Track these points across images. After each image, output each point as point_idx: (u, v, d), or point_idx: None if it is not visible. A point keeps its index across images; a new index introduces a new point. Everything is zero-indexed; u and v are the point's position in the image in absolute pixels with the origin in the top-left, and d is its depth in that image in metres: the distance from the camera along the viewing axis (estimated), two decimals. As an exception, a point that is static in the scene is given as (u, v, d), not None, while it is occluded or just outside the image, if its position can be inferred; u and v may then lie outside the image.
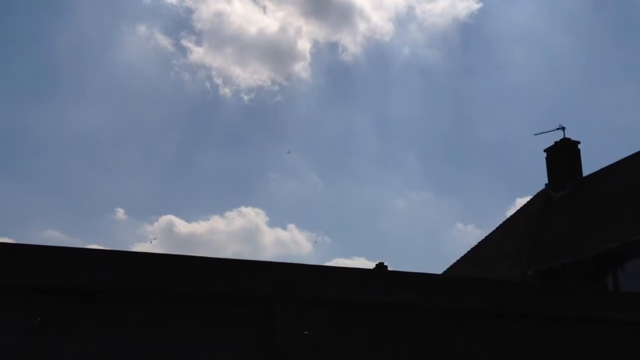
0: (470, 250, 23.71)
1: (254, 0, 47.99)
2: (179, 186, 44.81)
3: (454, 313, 6.78)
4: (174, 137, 43.76)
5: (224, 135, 45.33)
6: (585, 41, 43.99)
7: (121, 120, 43.51)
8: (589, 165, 25.11)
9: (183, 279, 5.84)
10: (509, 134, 44.00)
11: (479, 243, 23.84)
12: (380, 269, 25.48)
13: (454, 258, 24.77)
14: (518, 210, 24.06)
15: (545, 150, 23.37)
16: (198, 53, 44.72)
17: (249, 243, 45.28)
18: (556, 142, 23.10)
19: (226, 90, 44.73)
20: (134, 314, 5.73)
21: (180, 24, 45.15)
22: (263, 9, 47.55)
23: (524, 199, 25.72)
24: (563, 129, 23.10)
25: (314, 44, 46.55)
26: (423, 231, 46.62)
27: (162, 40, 44.05)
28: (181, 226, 43.77)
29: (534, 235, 20.88)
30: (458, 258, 23.84)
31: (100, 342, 5.57)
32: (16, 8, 40.07)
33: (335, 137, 45.56)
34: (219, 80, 48.85)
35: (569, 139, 23.02)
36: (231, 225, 44.98)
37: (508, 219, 23.93)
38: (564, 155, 22.82)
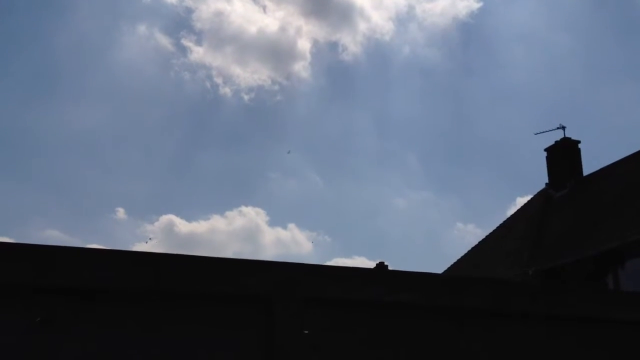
0: (471, 249, 23.72)
1: (254, 0, 48.02)
2: (179, 186, 44.85)
3: (455, 312, 6.78)
4: (174, 137, 43.81)
5: (224, 134, 45.38)
6: (585, 40, 44.00)
7: (121, 119, 43.54)
8: (589, 164, 25.13)
9: (183, 279, 5.83)
10: (509, 134, 44.03)
11: (479, 242, 23.84)
12: (381, 268, 25.49)
13: (454, 257, 24.78)
14: (518, 210, 24.06)
15: (545, 150, 23.37)
16: (198, 53, 44.76)
17: (250, 242, 45.32)
18: (556, 142, 23.10)
19: (226, 90, 44.75)
20: (134, 314, 5.73)
21: (180, 23, 45.20)
22: (263, 9, 47.57)
23: (525, 199, 25.73)
24: (563, 128, 23.11)
25: (314, 43, 46.59)
26: (423, 230, 46.67)
27: (162, 39, 44.08)
28: (181, 226, 43.82)
29: (534, 234, 20.87)
30: (458, 257, 23.84)
31: (101, 342, 5.56)
32: (16, 8, 40.07)
33: (335, 137, 45.59)
34: (219, 80, 48.88)
35: (569, 139, 23.02)
36: (231, 224, 45.01)
37: (508, 219, 23.92)
38: (564, 155, 22.82)
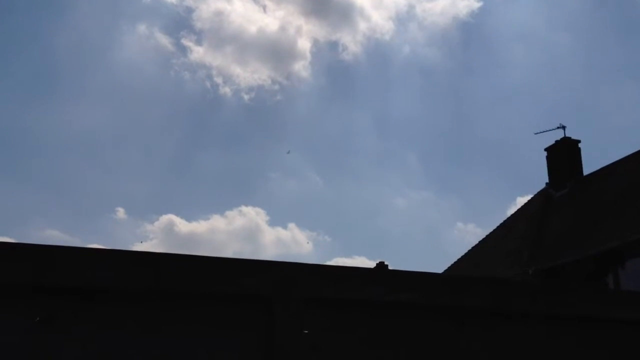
0: (471, 249, 23.76)
1: (254, 0, 48.01)
2: (179, 185, 44.90)
3: (455, 312, 6.78)
4: (174, 137, 43.87)
5: (224, 134, 45.43)
6: (585, 40, 44.03)
7: (121, 119, 43.59)
8: (590, 164, 25.19)
9: (183, 278, 5.83)
10: (510, 133, 44.10)
11: (480, 242, 23.87)
12: (381, 268, 25.48)
13: (455, 257, 24.84)
14: (519, 209, 24.08)
15: (545, 149, 23.41)
16: (198, 52, 44.84)
17: (250, 242, 45.38)
18: (557, 141, 23.14)
19: (226, 90, 44.82)
20: (134, 314, 5.73)
21: (180, 23, 45.27)
22: (263, 8, 47.62)
23: (525, 198, 25.80)
24: (563, 127, 23.16)
25: (314, 43, 46.65)
26: (423, 230, 46.73)
27: (162, 39, 44.13)
28: (181, 225, 43.90)
29: (534, 234, 20.89)
30: (459, 257, 23.88)
31: (101, 342, 5.57)
32: (16, 8, 40.09)
33: (335, 136, 45.63)
34: (219, 80, 48.95)
35: (570, 138, 23.07)
36: (231, 224, 45.07)
37: (508, 218, 23.96)
38: (564, 154, 22.86)
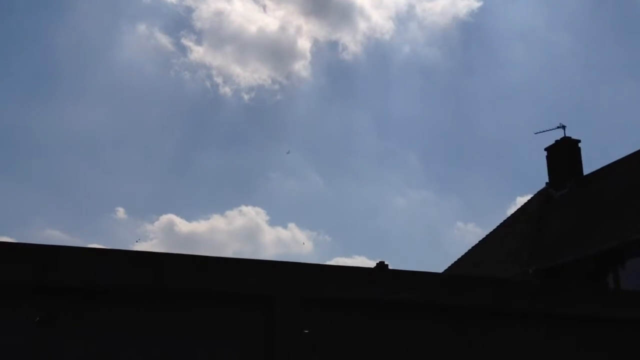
0: (471, 249, 23.77)
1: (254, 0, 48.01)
2: (180, 185, 44.91)
3: (455, 312, 6.78)
4: (174, 137, 43.88)
5: (224, 134, 45.44)
6: (585, 39, 44.04)
7: (121, 119, 43.60)
8: (590, 163, 25.19)
9: (183, 278, 5.84)
10: (510, 133, 44.10)
11: (480, 242, 23.88)
12: (381, 267, 25.49)
13: (455, 257, 24.85)
14: (519, 209, 24.08)
15: (545, 149, 23.41)
16: (198, 52, 44.84)
17: (250, 242, 45.38)
18: (557, 141, 23.14)
19: (226, 89, 44.83)
20: (134, 313, 5.73)
21: (180, 23, 45.28)
22: (263, 8, 47.63)
23: (525, 198, 25.79)
24: (563, 127, 23.17)
25: (314, 42, 46.69)
26: (423, 230, 46.73)
27: (162, 39, 44.15)
28: (182, 225, 43.91)
29: (534, 233, 20.90)
30: (459, 257, 23.89)
31: (101, 342, 5.57)
32: (16, 8, 40.09)
33: (335, 136, 45.64)
34: (219, 79, 48.96)
35: (570, 138, 23.07)
36: (232, 224, 45.08)
37: (509, 218, 23.96)
38: (564, 154, 22.86)
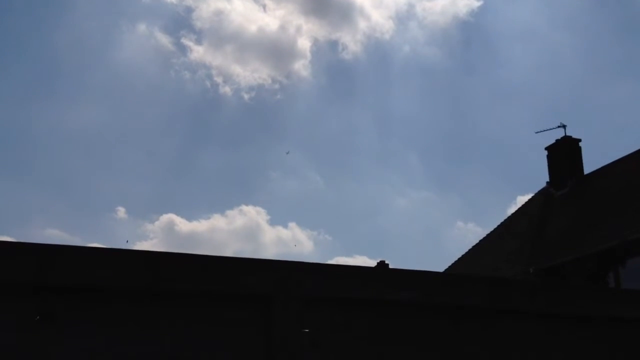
0: (471, 248, 23.72)
1: (254, -1, 48.05)
2: (180, 185, 44.89)
3: (455, 310, 6.79)
4: (174, 136, 43.84)
5: (224, 133, 45.39)
6: (586, 39, 43.98)
7: (121, 119, 43.57)
8: (590, 163, 25.12)
9: (183, 277, 5.84)
10: (510, 132, 44.03)
11: (480, 241, 23.84)
12: (382, 267, 25.50)
13: (455, 256, 24.81)
14: (519, 208, 24.06)
15: (546, 148, 23.36)
16: (198, 52, 44.74)
17: (250, 241, 45.35)
18: (557, 140, 23.09)
19: (226, 89, 44.76)
20: (134, 312, 5.73)
21: (180, 22, 45.19)
22: (263, 8, 47.55)
23: (525, 197, 25.71)
24: (564, 126, 23.10)
25: (314, 42, 46.57)
26: (424, 229, 46.67)
27: (162, 39, 44.10)
28: (182, 225, 43.85)
29: (535, 233, 20.88)
30: (459, 256, 23.86)
31: (101, 340, 5.58)
32: (16, 8, 40.11)
33: (335, 136, 45.61)
34: (219, 79, 48.89)
35: (570, 137, 23.02)
36: (232, 223, 45.04)
37: (509, 217, 23.93)
38: (565, 153, 22.82)
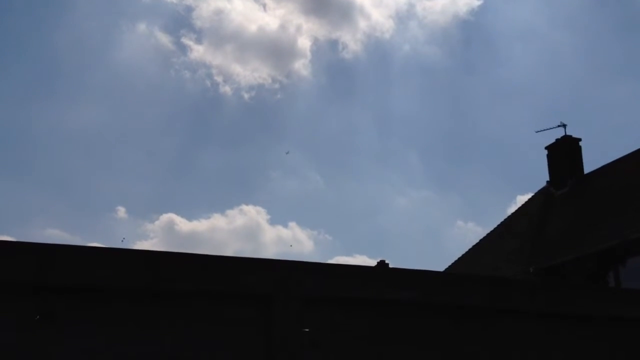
0: (471, 248, 23.71)
1: (254, -2, 48.01)
2: (180, 184, 44.87)
3: (455, 310, 6.79)
4: (174, 136, 43.82)
5: (224, 133, 45.35)
6: (586, 38, 43.95)
7: (121, 118, 43.55)
8: (590, 162, 25.08)
9: (183, 277, 5.84)
10: (510, 131, 44.00)
11: (480, 241, 23.83)
12: (382, 266, 25.50)
13: (455, 256, 24.79)
14: (519, 208, 24.05)
15: (546, 148, 23.35)
16: (198, 51, 44.72)
17: (250, 241, 45.33)
18: (557, 140, 23.08)
19: (226, 89, 44.74)
20: (134, 312, 5.73)
21: (180, 22, 45.18)
22: (263, 7, 47.53)
23: (525, 197, 25.68)
24: (564, 126, 23.09)
25: (314, 41, 46.52)
26: (424, 229, 46.66)
27: (162, 38, 44.09)
28: (182, 224, 43.84)
29: (535, 232, 20.87)
30: (459, 256, 23.86)
31: (101, 340, 5.57)
32: (16, 8, 40.08)
33: (335, 135, 45.58)
34: (219, 78, 48.88)
35: (570, 136, 23.01)
36: (232, 223, 45.01)
37: (509, 217, 23.93)
38: (565, 153, 22.80)
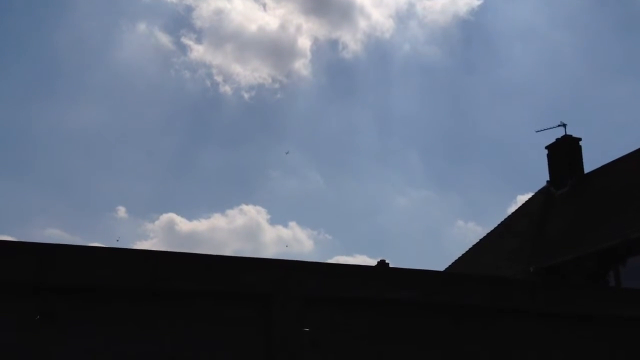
0: (471, 247, 23.70)
1: (254, -2, 48.00)
2: (180, 184, 44.88)
3: (455, 309, 6.79)
4: (174, 135, 43.84)
5: (224, 133, 45.37)
6: (586, 37, 43.94)
7: (122, 118, 43.57)
8: (591, 162, 25.06)
9: (183, 276, 5.84)
10: (510, 131, 44.01)
11: (480, 240, 23.82)
12: (382, 266, 25.49)
13: (455, 255, 24.80)
14: (519, 208, 24.05)
15: (546, 147, 23.35)
16: (198, 51, 44.74)
17: (251, 241, 45.34)
18: (557, 139, 23.07)
19: (226, 88, 44.75)
20: (134, 312, 5.73)
21: (181, 21, 45.19)
22: (263, 7, 47.52)
23: (525, 196, 25.69)
24: (564, 125, 23.09)
25: (314, 41, 46.53)
26: (424, 228, 46.67)
27: (162, 38, 44.10)
28: (182, 224, 43.86)
29: (535, 232, 20.87)
30: (459, 255, 23.85)
31: (100, 339, 5.57)
32: (16, 8, 40.07)
33: (336, 135, 45.58)
34: (219, 78, 48.88)
35: (571, 136, 23.00)
36: (232, 223, 45.02)
37: (509, 216, 23.92)
38: (565, 152, 22.80)
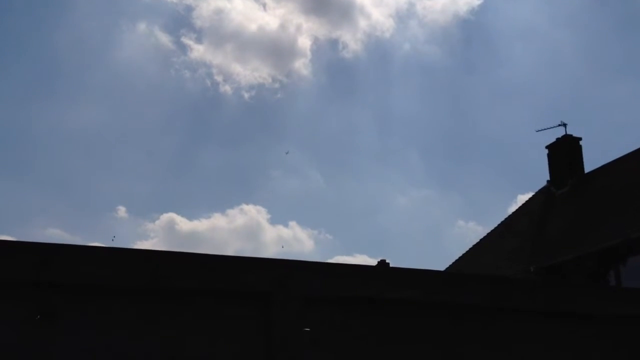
0: (472, 247, 23.72)
1: (254, -2, 48.02)
2: (180, 184, 44.94)
3: (455, 309, 6.79)
4: (174, 135, 43.90)
5: (224, 132, 45.43)
6: (586, 37, 43.99)
7: (122, 118, 43.62)
8: (591, 161, 25.11)
9: (183, 276, 5.84)
10: (511, 131, 44.07)
11: (481, 240, 23.86)
12: (382, 266, 25.50)
13: (456, 255, 24.84)
14: (519, 207, 24.07)
15: (546, 147, 23.37)
16: (198, 50, 44.81)
17: (251, 240, 45.41)
18: (558, 139, 23.10)
19: (227, 88, 44.82)
20: (134, 311, 5.74)
21: (181, 21, 45.28)
22: (263, 6, 47.58)
23: (526, 196, 25.73)
24: (565, 125, 23.13)
25: (315, 41, 46.60)
26: (424, 228, 46.73)
27: (162, 37, 44.17)
28: (182, 224, 43.94)
29: (535, 232, 20.89)
30: (460, 255, 23.88)
31: (100, 339, 5.58)
32: (16, 8, 40.11)
33: (336, 134, 45.64)
34: (219, 78, 48.96)
35: (571, 136, 23.02)
36: (233, 223, 45.09)
37: (509, 216, 23.94)
38: (565, 152, 22.82)
